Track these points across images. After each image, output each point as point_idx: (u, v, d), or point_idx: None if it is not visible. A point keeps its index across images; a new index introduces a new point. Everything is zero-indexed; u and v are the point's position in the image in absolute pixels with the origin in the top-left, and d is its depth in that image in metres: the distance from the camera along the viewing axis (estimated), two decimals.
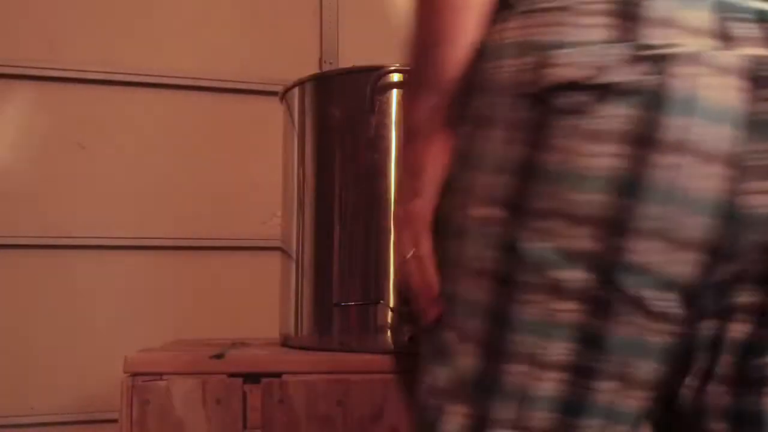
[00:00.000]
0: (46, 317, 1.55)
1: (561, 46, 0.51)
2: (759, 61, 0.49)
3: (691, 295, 0.50)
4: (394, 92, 0.99)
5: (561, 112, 0.50)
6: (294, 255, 1.04)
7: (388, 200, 0.97)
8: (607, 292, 0.49)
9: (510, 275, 0.51)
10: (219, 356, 0.93)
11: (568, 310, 0.50)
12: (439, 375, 0.56)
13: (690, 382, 0.54)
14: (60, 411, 1.54)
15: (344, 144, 1.00)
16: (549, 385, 0.51)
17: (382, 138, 0.98)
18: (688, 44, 0.50)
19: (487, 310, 0.52)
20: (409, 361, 0.92)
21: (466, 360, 0.53)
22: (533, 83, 0.51)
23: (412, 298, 0.62)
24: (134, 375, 0.91)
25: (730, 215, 0.49)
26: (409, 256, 0.61)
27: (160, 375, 0.91)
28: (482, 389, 0.53)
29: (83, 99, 1.61)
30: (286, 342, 1.06)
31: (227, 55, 1.71)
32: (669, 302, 0.50)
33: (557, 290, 0.50)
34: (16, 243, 1.55)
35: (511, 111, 0.53)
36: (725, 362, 0.53)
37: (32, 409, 1.53)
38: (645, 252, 0.49)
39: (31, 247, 1.55)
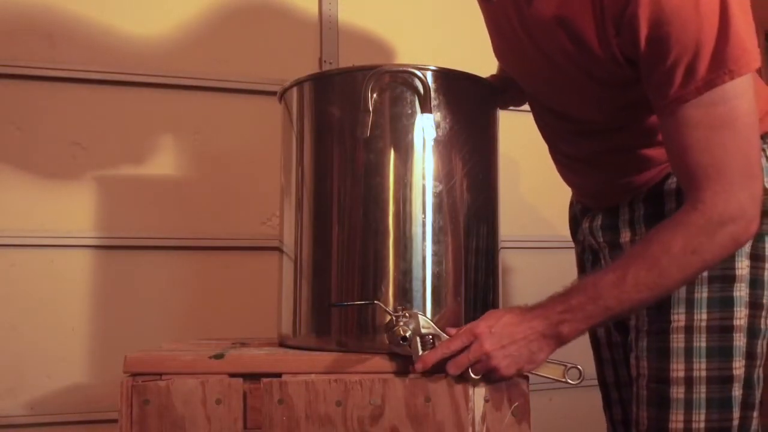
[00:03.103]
0: (45, 317, 1.55)
1: None
2: None
3: None
4: (393, 92, 0.98)
5: None
6: (292, 255, 1.04)
7: (385, 200, 0.97)
8: None
9: None
10: (219, 356, 0.93)
11: None
12: None
13: None
14: (60, 411, 1.54)
15: (342, 144, 1.00)
16: None
17: (378, 138, 0.98)
18: None
19: None
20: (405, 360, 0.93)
21: None
22: None
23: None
24: (134, 375, 0.91)
25: None
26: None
27: (160, 375, 0.91)
28: None
29: (83, 99, 1.61)
30: (284, 342, 1.06)
31: (227, 55, 1.71)
32: None
33: None
34: (16, 242, 1.55)
35: None
36: None
37: (32, 409, 1.53)
38: None
39: (30, 246, 1.56)
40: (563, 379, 0.95)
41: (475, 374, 0.92)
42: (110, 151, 1.62)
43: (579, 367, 0.95)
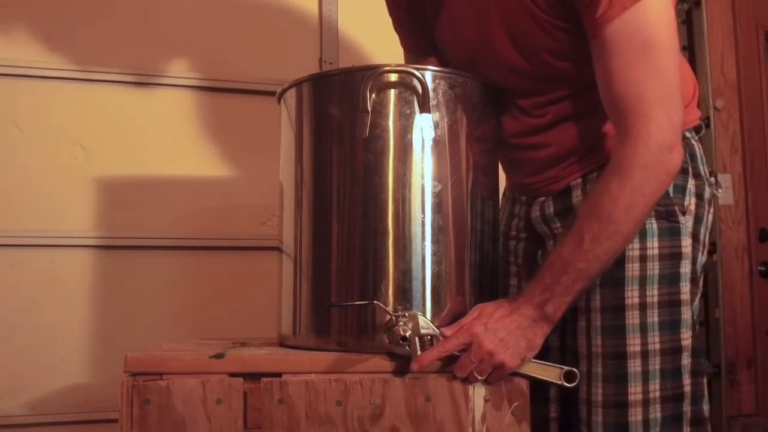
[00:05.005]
0: (45, 317, 1.55)
1: None
2: None
3: None
4: (392, 92, 0.99)
5: None
6: (292, 255, 1.04)
7: (385, 200, 0.97)
8: None
9: None
10: (219, 356, 0.93)
11: None
12: None
13: None
14: (60, 411, 1.54)
15: (342, 144, 1.00)
16: None
17: (377, 138, 0.98)
18: None
19: None
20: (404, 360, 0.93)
21: None
22: None
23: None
24: (134, 375, 0.91)
25: None
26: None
27: (160, 375, 0.91)
28: None
29: (83, 99, 1.61)
30: (284, 342, 1.07)
31: (227, 55, 1.71)
32: None
33: None
34: (16, 242, 1.55)
35: None
36: None
37: (32, 409, 1.53)
38: None
39: (31, 246, 1.56)
40: (559, 382, 0.95)
41: (480, 375, 0.92)
42: (110, 151, 1.63)
43: (575, 369, 0.95)
